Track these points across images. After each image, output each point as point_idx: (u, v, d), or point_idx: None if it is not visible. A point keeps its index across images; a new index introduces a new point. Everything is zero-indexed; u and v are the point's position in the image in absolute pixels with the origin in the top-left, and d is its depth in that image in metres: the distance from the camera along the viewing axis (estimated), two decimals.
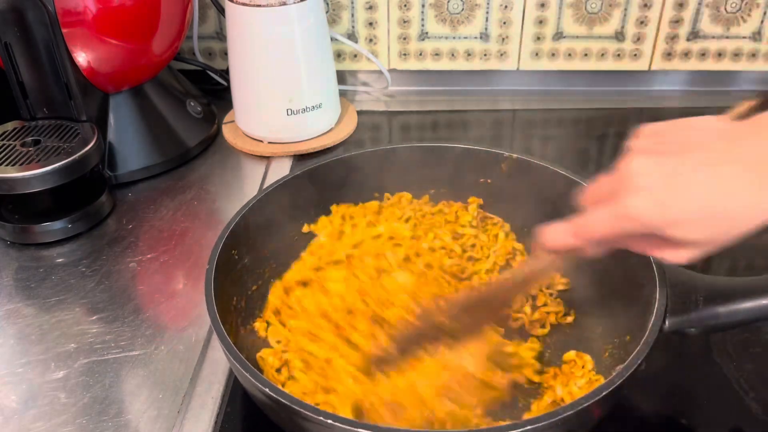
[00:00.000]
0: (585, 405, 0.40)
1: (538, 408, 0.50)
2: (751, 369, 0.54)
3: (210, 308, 0.48)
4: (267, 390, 0.42)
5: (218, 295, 0.50)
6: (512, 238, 0.65)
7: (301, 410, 0.40)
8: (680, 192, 0.38)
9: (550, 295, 0.60)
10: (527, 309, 0.59)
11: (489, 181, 0.66)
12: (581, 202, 0.45)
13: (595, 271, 0.58)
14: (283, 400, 0.41)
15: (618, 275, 0.55)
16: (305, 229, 0.65)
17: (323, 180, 0.65)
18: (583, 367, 0.53)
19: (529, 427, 0.39)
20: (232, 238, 0.55)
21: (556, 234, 0.45)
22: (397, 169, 0.67)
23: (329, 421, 0.40)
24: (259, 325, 0.57)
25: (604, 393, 0.41)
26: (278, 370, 0.53)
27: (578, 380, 0.51)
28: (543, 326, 0.58)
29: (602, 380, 0.45)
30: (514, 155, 0.64)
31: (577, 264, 0.59)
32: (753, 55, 0.97)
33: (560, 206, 0.61)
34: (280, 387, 0.42)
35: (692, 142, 0.39)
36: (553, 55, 0.97)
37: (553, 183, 0.61)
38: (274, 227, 0.62)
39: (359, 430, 0.39)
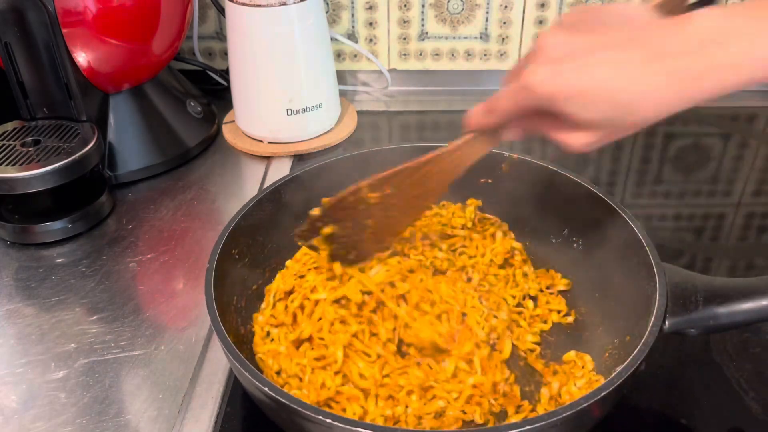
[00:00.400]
0: (585, 405, 0.40)
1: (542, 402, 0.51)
2: (751, 369, 0.54)
3: (210, 307, 0.48)
4: (266, 389, 0.42)
5: (218, 295, 0.50)
6: (511, 237, 0.65)
7: (301, 410, 0.40)
8: (580, 67, 0.38)
9: (551, 294, 0.60)
10: (529, 304, 0.59)
11: (490, 181, 0.66)
12: (504, 80, 0.46)
13: (595, 272, 0.58)
14: (282, 400, 0.41)
15: (618, 276, 0.55)
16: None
17: (324, 180, 0.65)
18: (583, 367, 0.53)
19: (528, 427, 0.39)
20: (232, 238, 0.55)
21: (475, 113, 0.47)
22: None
23: (328, 421, 0.40)
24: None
25: (603, 393, 0.41)
26: (278, 373, 0.53)
27: (578, 380, 0.51)
28: (545, 322, 0.58)
29: (602, 380, 0.45)
30: (515, 155, 0.64)
31: (578, 265, 0.60)
32: None
33: (561, 206, 0.61)
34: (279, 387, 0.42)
35: (610, 25, 0.39)
36: None
37: (554, 183, 0.61)
38: (275, 227, 0.62)
39: (359, 429, 0.39)
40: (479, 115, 0.47)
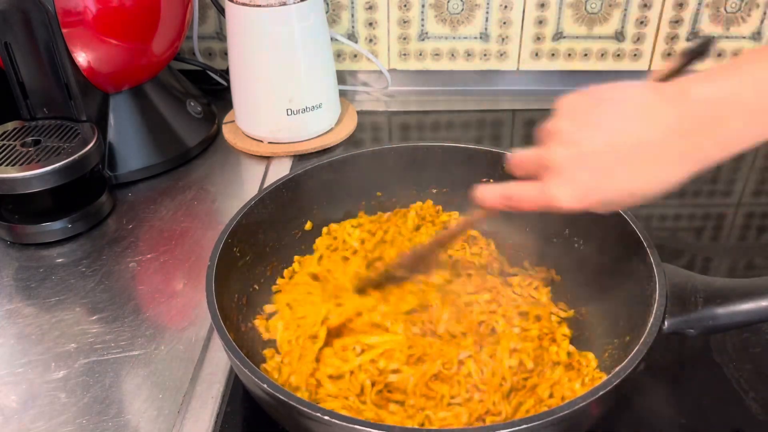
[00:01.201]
0: (581, 404, 0.40)
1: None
2: (751, 369, 0.54)
3: (210, 303, 0.48)
4: (265, 386, 0.42)
5: (219, 291, 0.50)
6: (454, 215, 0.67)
7: (300, 407, 0.41)
8: (599, 181, 0.41)
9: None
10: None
11: (491, 180, 0.66)
12: (510, 166, 0.49)
13: (596, 272, 0.58)
14: (281, 397, 0.41)
15: (619, 276, 0.55)
16: (308, 226, 0.65)
17: (326, 179, 0.65)
18: (587, 365, 0.52)
19: (524, 426, 0.39)
20: (234, 235, 0.56)
21: (490, 195, 0.49)
22: (397, 168, 0.67)
23: (326, 418, 0.40)
24: (259, 322, 0.57)
25: (601, 393, 0.41)
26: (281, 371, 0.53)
27: (585, 378, 0.51)
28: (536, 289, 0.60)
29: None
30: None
31: (579, 265, 0.60)
32: None
33: None
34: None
35: (607, 120, 0.41)
36: (553, 55, 0.97)
37: None
38: (277, 225, 0.62)
39: (356, 426, 0.39)
40: (494, 199, 0.48)
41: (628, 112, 0.41)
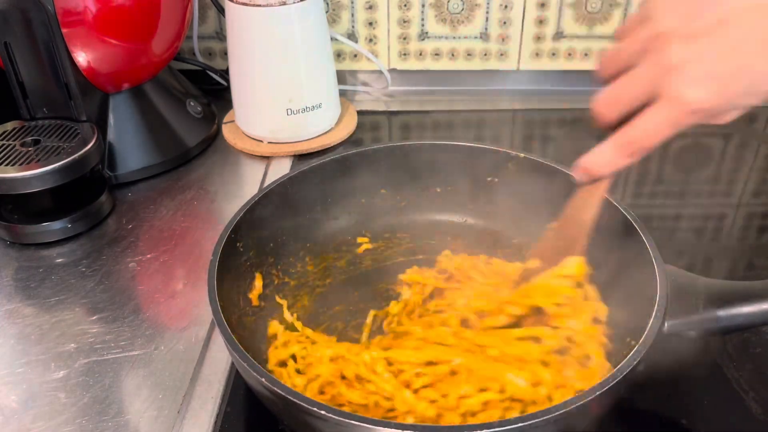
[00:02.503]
0: (579, 404, 0.40)
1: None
2: (751, 369, 0.54)
3: (211, 294, 0.48)
4: (264, 380, 0.42)
5: (221, 286, 0.50)
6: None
7: (300, 402, 0.41)
8: (730, 70, 0.37)
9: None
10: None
11: (496, 180, 0.66)
12: (603, 64, 0.44)
13: (598, 272, 0.58)
14: (281, 392, 0.41)
15: (620, 276, 0.55)
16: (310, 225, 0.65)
17: (331, 175, 0.65)
18: None
19: (521, 425, 0.39)
20: (237, 230, 0.56)
21: (603, 157, 0.43)
22: (400, 166, 0.67)
23: (322, 413, 0.40)
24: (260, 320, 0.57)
25: (598, 392, 0.41)
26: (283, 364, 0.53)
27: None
28: None
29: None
30: (521, 154, 0.64)
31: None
32: None
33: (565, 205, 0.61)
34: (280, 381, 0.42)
35: (719, 15, 0.37)
36: (553, 55, 0.97)
37: (559, 182, 0.61)
38: (279, 223, 0.62)
39: (354, 422, 0.40)
40: (612, 158, 0.43)
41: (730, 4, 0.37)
